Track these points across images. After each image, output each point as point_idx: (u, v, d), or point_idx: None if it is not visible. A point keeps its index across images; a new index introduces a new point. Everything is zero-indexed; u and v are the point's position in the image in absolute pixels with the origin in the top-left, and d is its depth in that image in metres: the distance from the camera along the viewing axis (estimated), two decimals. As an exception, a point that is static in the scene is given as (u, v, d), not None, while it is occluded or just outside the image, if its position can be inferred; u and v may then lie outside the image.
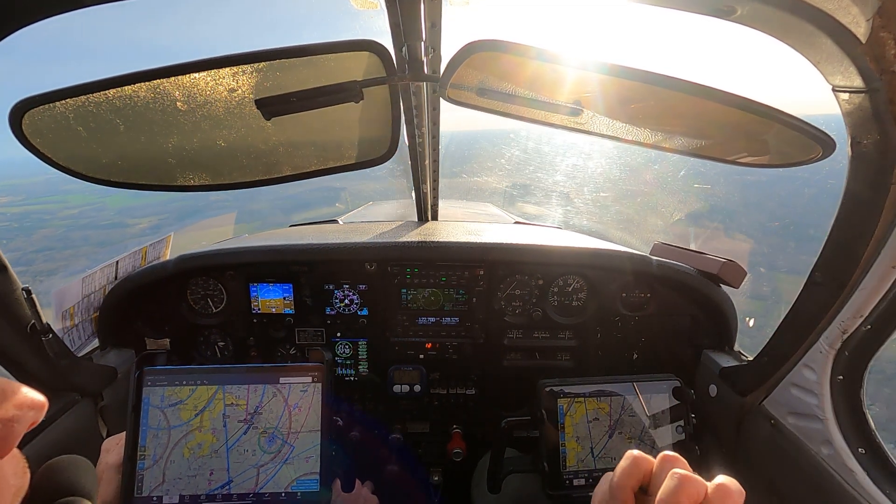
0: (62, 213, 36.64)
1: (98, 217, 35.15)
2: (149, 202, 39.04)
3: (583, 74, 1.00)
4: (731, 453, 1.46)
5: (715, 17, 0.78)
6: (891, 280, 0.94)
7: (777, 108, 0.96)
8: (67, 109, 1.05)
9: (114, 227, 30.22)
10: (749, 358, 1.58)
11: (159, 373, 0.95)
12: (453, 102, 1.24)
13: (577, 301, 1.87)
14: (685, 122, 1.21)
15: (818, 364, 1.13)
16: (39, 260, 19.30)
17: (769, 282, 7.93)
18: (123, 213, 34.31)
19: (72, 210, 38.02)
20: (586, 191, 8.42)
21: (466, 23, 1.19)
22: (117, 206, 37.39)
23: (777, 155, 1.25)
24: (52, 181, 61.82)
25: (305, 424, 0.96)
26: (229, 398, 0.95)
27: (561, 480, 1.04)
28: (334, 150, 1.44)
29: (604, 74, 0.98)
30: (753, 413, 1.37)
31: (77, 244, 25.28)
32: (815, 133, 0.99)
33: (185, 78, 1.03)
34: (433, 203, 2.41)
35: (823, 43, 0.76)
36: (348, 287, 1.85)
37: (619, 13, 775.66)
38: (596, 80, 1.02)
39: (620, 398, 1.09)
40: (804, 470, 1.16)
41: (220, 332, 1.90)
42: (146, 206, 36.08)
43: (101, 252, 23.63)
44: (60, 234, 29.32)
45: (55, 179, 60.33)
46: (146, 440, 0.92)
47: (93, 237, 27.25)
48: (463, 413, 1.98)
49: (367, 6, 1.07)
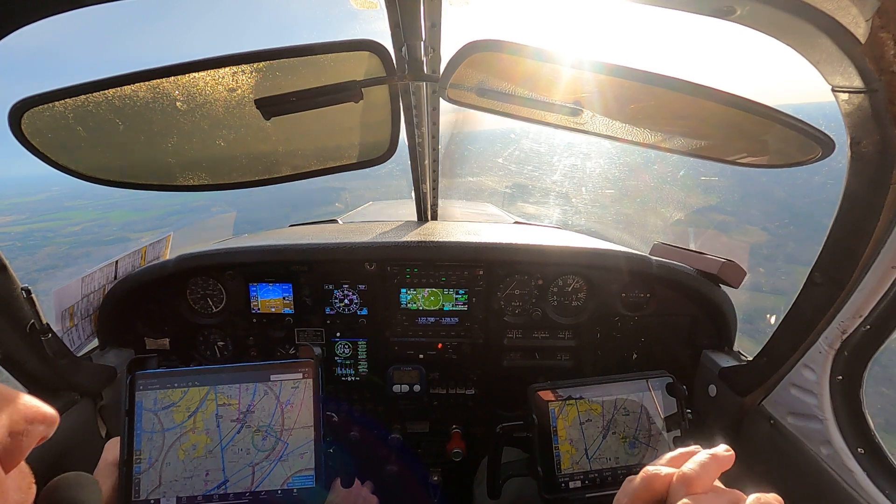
0: (65, 231, 36.86)
1: (101, 233, 35.23)
2: (149, 216, 38.47)
3: (582, 74, 1.00)
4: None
5: (715, 17, 0.78)
6: (890, 280, 0.94)
7: (777, 109, 0.96)
8: (67, 109, 1.05)
9: (116, 241, 30.36)
10: (748, 358, 1.58)
11: (150, 376, 0.95)
12: (453, 102, 1.24)
13: (577, 301, 1.87)
14: (685, 123, 1.21)
15: (818, 364, 1.13)
16: (42, 279, 19.15)
17: (787, 275, 7.83)
18: (126, 228, 34.45)
19: (75, 227, 38.23)
20: (585, 190, 8.41)
21: (466, 23, 1.19)
22: (120, 221, 37.64)
23: (776, 155, 1.25)
24: (54, 198, 61.25)
25: (298, 421, 0.96)
26: (221, 398, 0.95)
27: (556, 484, 1.05)
28: (334, 150, 1.44)
29: (603, 74, 0.98)
30: (753, 413, 1.37)
31: (80, 261, 25.07)
32: (814, 133, 0.99)
33: (184, 78, 1.03)
34: (433, 203, 2.42)
35: (823, 43, 0.76)
36: (348, 287, 1.85)
37: (619, 13, 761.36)
38: (595, 80, 1.02)
39: (613, 398, 1.09)
40: (803, 470, 1.16)
41: (219, 332, 1.90)
42: (147, 220, 36.13)
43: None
44: (63, 251, 29.45)
45: (57, 196, 60.07)
46: (141, 444, 0.92)
47: (95, 254, 27.23)
48: (462, 413, 1.98)
49: (367, 6, 1.07)
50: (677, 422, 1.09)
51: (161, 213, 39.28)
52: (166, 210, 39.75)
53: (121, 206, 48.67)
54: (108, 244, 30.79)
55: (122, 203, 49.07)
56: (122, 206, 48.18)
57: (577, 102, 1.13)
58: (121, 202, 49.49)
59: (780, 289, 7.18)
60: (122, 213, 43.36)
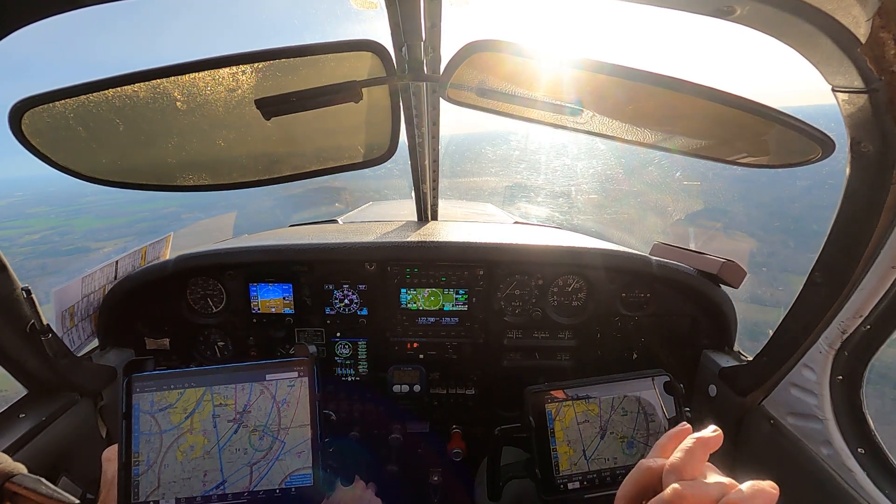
0: (22, 240, 33.95)
1: (61, 242, 33.03)
2: (115, 224, 35.40)
3: (582, 74, 1.00)
4: (731, 453, 1.46)
5: (715, 17, 0.78)
6: (891, 280, 0.94)
7: (777, 109, 0.96)
8: (67, 109, 1.05)
9: (75, 252, 28.17)
10: (749, 358, 1.58)
11: (147, 378, 0.96)
12: (453, 102, 1.24)
13: (577, 301, 1.87)
14: (685, 123, 1.21)
15: (818, 364, 1.13)
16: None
17: (780, 283, 7.76)
18: (88, 237, 31.96)
19: (33, 235, 35.48)
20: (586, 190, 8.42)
21: (466, 23, 1.19)
22: (83, 229, 34.85)
23: (776, 155, 1.25)
24: (15, 204, 55.29)
25: (295, 419, 0.96)
26: (217, 399, 0.96)
27: (555, 485, 1.05)
28: (334, 150, 1.44)
29: (604, 74, 0.98)
30: (753, 413, 1.37)
31: (32, 275, 23.46)
32: (814, 133, 0.99)
33: (184, 78, 1.03)
34: (433, 203, 2.41)
35: (823, 43, 0.76)
36: (348, 287, 1.85)
37: (619, 13, 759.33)
38: (595, 80, 1.02)
39: (610, 398, 1.09)
40: (804, 470, 1.16)
41: (219, 332, 1.90)
42: (112, 228, 33.53)
43: (50, 280, 22.02)
44: (17, 262, 27.26)
45: (19, 203, 55.69)
46: (139, 446, 0.93)
47: (50, 265, 25.13)
48: (463, 413, 1.98)
49: (367, 6, 1.07)
50: (676, 421, 1.09)
51: (128, 221, 36.74)
52: (133, 218, 37.30)
53: (86, 212, 45.27)
54: (66, 255, 28.02)
55: (88, 209, 45.80)
56: (87, 213, 44.86)
57: (578, 102, 1.13)
58: (86, 208, 46.26)
59: (759, 298, 7.05)
60: (86, 220, 40.41)
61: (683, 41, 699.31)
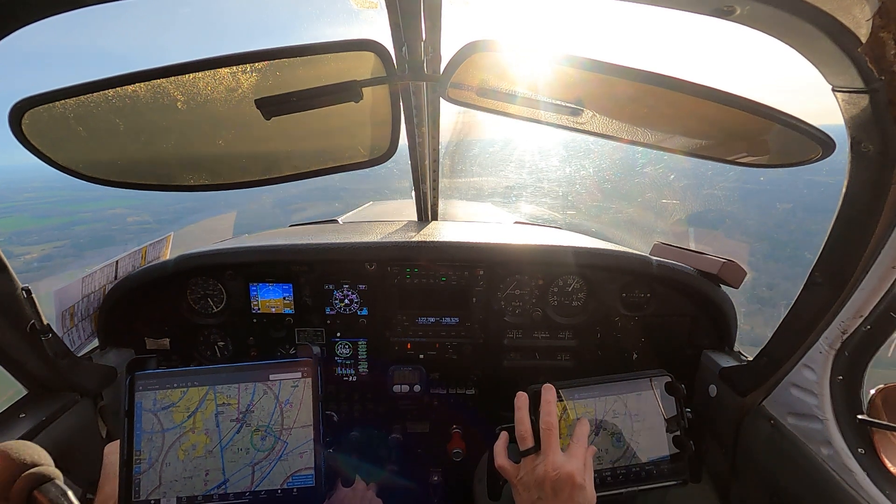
0: None
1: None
2: (50, 224, 31.17)
3: (583, 74, 1.00)
4: (731, 453, 1.46)
5: (715, 17, 0.78)
6: (891, 280, 0.94)
7: (777, 109, 0.96)
8: (67, 109, 1.05)
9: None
10: (749, 358, 1.58)
11: (150, 377, 0.96)
12: (453, 102, 1.24)
13: (577, 301, 1.87)
14: (685, 122, 1.21)
15: (818, 364, 1.13)
16: None
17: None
18: (14, 240, 28.30)
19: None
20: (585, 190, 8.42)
21: (466, 23, 1.19)
22: (11, 231, 31.47)
23: (777, 155, 1.25)
24: None
25: (298, 420, 0.96)
26: (220, 398, 0.96)
27: None
28: (334, 150, 1.44)
29: (604, 74, 0.98)
30: (753, 413, 1.37)
31: None
32: (814, 133, 0.99)
33: (184, 78, 1.03)
34: (433, 203, 2.41)
35: (823, 43, 0.76)
36: (348, 287, 1.85)
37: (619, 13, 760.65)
38: (596, 80, 1.02)
39: (609, 398, 1.09)
40: (804, 470, 1.16)
41: (220, 332, 1.90)
42: (44, 230, 29.81)
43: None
44: None
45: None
46: (141, 444, 0.92)
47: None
48: (463, 413, 1.98)
49: (367, 6, 1.07)
50: (677, 421, 1.09)
51: (64, 222, 33.44)
52: (72, 219, 33.98)
53: (21, 210, 41.57)
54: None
55: (25, 208, 42.19)
56: (22, 212, 40.53)
57: (578, 102, 1.13)
58: (22, 206, 42.70)
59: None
60: (18, 220, 36.04)
61: (683, 41, 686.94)
